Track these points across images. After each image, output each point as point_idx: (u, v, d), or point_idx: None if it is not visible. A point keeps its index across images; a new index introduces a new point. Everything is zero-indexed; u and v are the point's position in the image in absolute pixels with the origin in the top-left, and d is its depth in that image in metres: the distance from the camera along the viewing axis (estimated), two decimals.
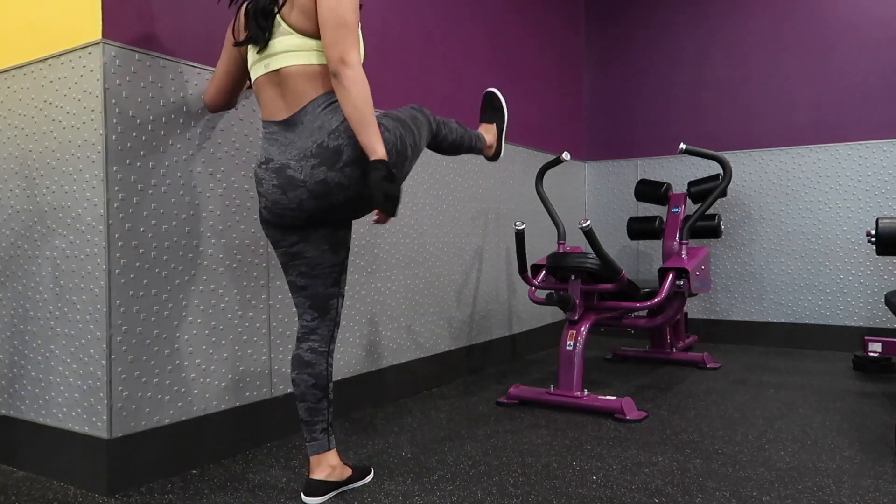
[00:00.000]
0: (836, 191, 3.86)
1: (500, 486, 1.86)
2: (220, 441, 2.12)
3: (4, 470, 2.07)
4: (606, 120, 4.63)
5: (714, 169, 4.19)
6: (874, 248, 3.73)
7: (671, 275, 2.87)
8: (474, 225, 3.41)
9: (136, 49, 1.91)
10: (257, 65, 1.75)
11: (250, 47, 1.76)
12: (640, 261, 4.47)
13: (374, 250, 2.75)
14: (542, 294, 3.76)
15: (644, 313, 3.78)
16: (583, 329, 2.71)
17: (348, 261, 2.07)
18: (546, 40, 4.20)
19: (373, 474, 1.95)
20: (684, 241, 3.11)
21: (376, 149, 1.60)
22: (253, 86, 1.79)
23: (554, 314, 4.23)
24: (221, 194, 2.14)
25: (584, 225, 2.55)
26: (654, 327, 3.28)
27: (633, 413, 2.50)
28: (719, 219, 3.56)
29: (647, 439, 2.26)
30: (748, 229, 4.10)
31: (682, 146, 3.13)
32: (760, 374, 3.28)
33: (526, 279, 2.95)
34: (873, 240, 2.50)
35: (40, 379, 2.03)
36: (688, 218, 3.19)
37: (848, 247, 3.82)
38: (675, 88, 4.36)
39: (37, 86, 2.01)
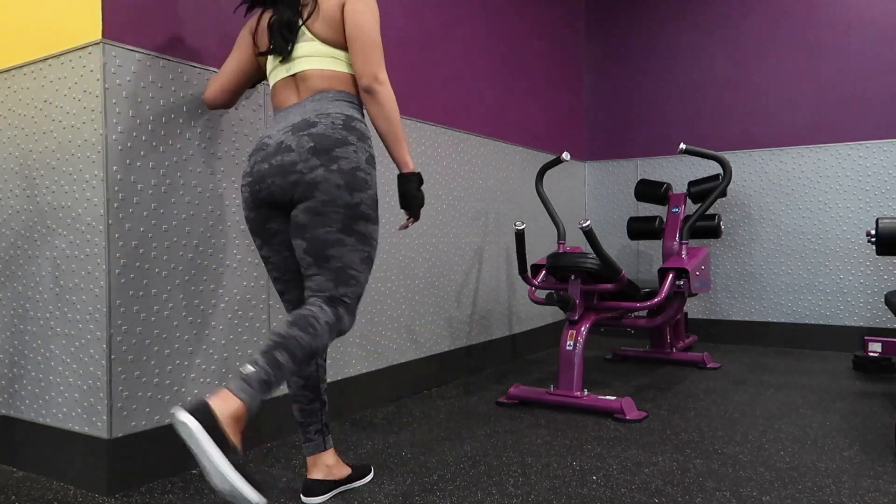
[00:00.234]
0: (836, 191, 3.86)
1: (500, 486, 1.86)
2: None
3: (4, 470, 2.07)
4: (606, 120, 4.63)
5: (714, 169, 4.19)
6: (874, 248, 3.73)
7: (671, 275, 2.87)
8: (474, 225, 3.41)
9: (136, 49, 1.91)
10: (278, 69, 1.77)
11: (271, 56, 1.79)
12: (640, 261, 4.47)
13: None
14: (542, 294, 3.77)
15: (644, 313, 3.78)
16: (583, 329, 2.71)
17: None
18: (546, 40, 4.20)
19: (372, 474, 1.95)
20: (684, 241, 3.11)
21: (408, 162, 1.73)
22: (271, 87, 1.81)
23: (554, 314, 4.23)
24: (221, 194, 2.14)
25: (584, 225, 2.55)
26: (654, 327, 3.28)
27: (633, 413, 2.50)
28: (719, 219, 3.56)
29: (647, 439, 2.26)
30: (748, 229, 4.10)
31: (682, 146, 3.13)
32: (760, 374, 3.28)
33: (526, 279, 2.95)
34: (873, 240, 2.50)
35: (40, 379, 2.03)
36: (688, 218, 3.19)
37: (848, 247, 3.82)
38: (676, 88, 4.36)
39: (37, 86, 2.01)
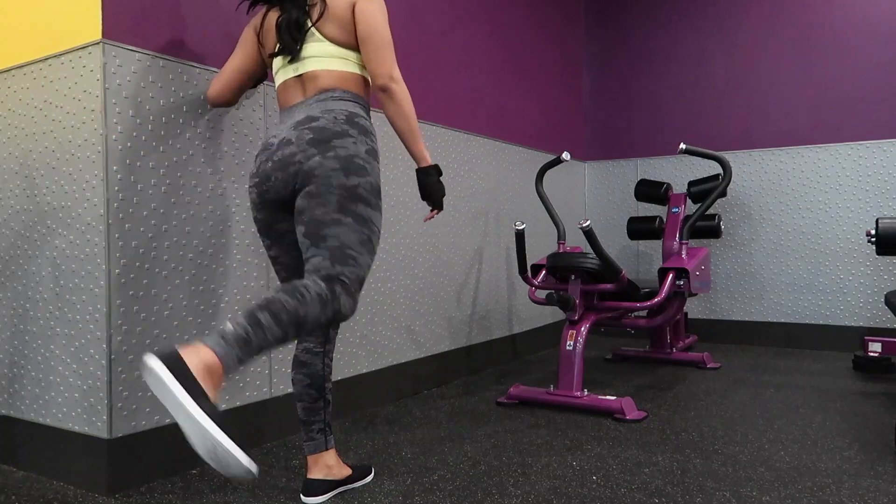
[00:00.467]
0: (836, 191, 3.86)
1: (500, 486, 1.86)
2: None
3: (4, 470, 2.07)
4: (606, 120, 4.63)
5: (714, 169, 4.19)
6: (874, 248, 3.73)
7: (671, 275, 2.87)
8: (474, 225, 3.41)
9: (137, 49, 1.91)
10: (286, 69, 1.77)
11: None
12: (640, 261, 4.47)
13: None
14: (542, 294, 3.77)
15: (644, 313, 3.78)
16: (583, 329, 2.71)
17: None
18: (546, 40, 4.20)
19: (373, 474, 1.95)
20: (684, 241, 3.10)
21: (426, 156, 1.78)
22: (276, 87, 1.81)
23: (554, 314, 4.23)
24: (222, 194, 2.14)
25: (584, 225, 2.55)
26: (654, 327, 3.28)
27: (632, 413, 2.50)
28: (719, 219, 3.56)
29: (647, 439, 2.26)
30: (748, 229, 4.10)
31: (682, 146, 3.13)
32: (760, 374, 3.28)
33: (526, 279, 2.95)
34: (873, 240, 2.50)
35: (40, 379, 2.03)
36: (688, 218, 3.19)
37: (848, 247, 3.82)
38: (675, 88, 4.36)
39: (37, 86, 2.01)
